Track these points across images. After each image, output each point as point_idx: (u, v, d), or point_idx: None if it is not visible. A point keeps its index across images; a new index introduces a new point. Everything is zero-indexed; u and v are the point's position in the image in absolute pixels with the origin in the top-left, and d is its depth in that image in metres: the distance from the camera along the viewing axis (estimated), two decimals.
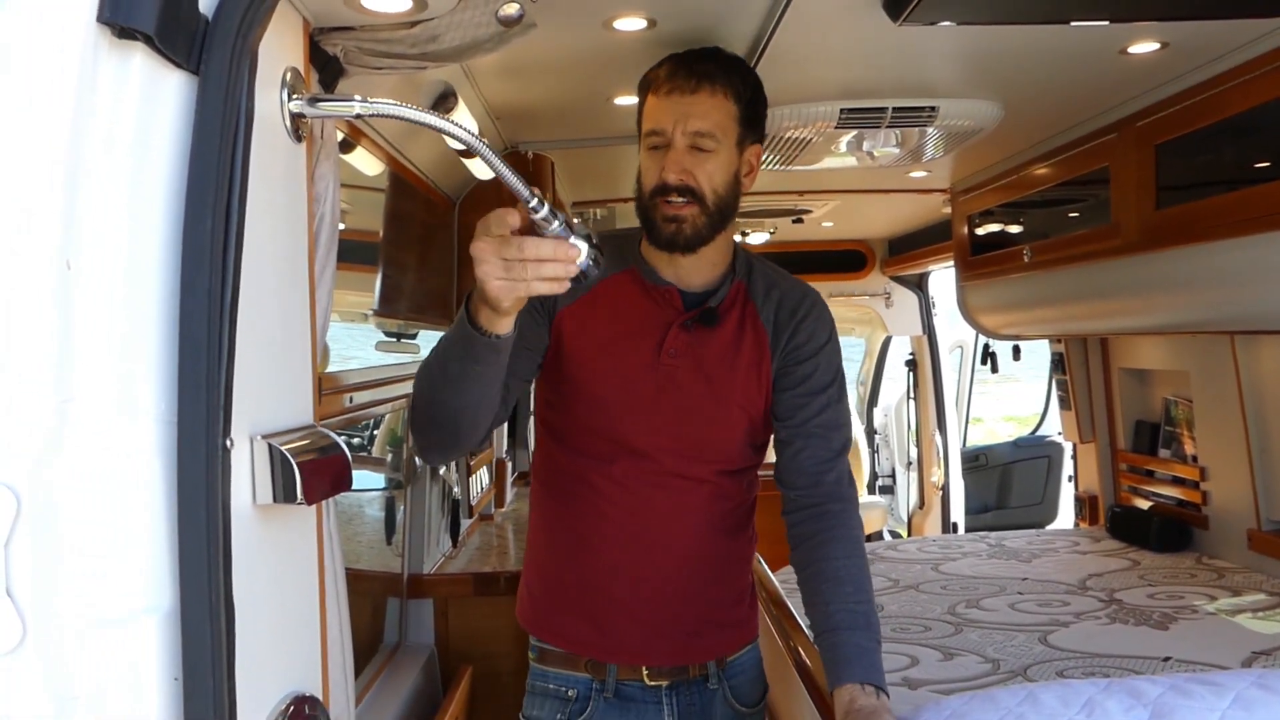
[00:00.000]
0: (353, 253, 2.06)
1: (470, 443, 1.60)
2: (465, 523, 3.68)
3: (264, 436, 0.94)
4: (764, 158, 2.87)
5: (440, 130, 1.06)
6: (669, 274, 1.74)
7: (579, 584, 1.77)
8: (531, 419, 3.60)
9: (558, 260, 1.18)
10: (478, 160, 2.49)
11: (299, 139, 1.07)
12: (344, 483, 1.06)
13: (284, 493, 0.95)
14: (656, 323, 1.72)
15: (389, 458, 3.06)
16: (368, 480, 2.94)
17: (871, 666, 1.57)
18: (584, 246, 1.17)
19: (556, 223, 1.16)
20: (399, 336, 2.76)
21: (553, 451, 1.80)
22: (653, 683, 1.77)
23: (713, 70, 1.64)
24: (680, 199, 1.63)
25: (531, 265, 1.19)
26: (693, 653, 1.79)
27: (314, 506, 1.10)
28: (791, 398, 1.75)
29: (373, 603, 2.83)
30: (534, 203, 1.14)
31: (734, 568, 1.81)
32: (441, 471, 3.27)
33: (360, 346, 2.53)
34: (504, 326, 1.35)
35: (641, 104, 1.72)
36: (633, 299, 1.73)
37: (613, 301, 1.74)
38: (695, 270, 1.74)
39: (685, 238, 1.65)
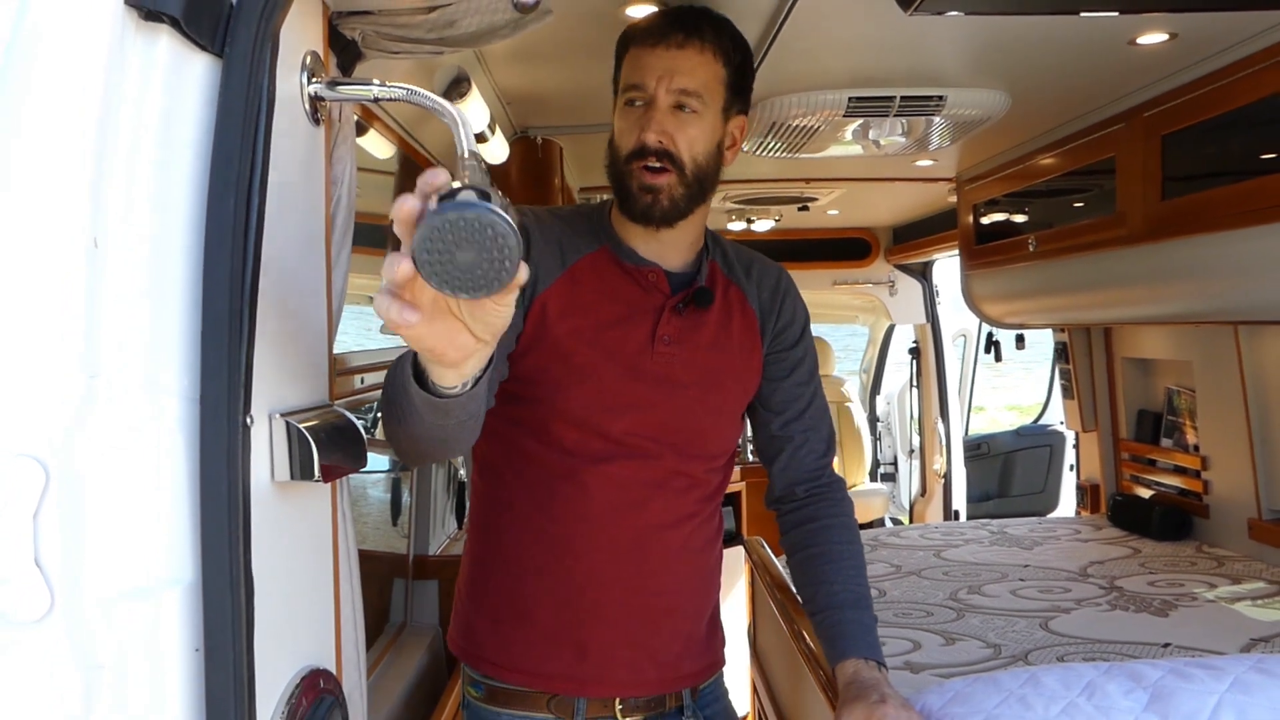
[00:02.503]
0: (361, 235, 2.07)
1: (457, 455, 1.50)
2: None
3: (282, 414, 0.96)
4: (770, 145, 2.88)
5: (447, 119, 1.07)
6: (649, 252, 1.60)
7: (560, 602, 1.57)
8: None
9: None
10: (489, 145, 2.51)
11: (317, 122, 1.08)
12: (359, 462, 1.08)
13: (301, 470, 0.97)
14: (646, 308, 1.58)
15: None
16: (373, 462, 2.96)
17: (873, 644, 1.59)
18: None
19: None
20: None
21: (522, 446, 1.58)
22: (625, 719, 1.62)
23: (703, 27, 1.51)
24: (657, 164, 1.49)
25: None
26: (676, 678, 1.65)
27: (329, 485, 1.12)
28: (787, 388, 1.68)
29: (379, 583, 2.86)
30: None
31: (713, 574, 1.72)
32: None
33: (351, 332, 2.52)
34: (454, 378, 1.01)
35: (620, 58, 1.57)
36: (615, 282, 1.58)
37: (594, 285, 1.57)
38: (676, 248, 1.61)
39: (662, 209, 1.52)
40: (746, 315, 1.66)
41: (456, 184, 0.79)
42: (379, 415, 1.54)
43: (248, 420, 0.89)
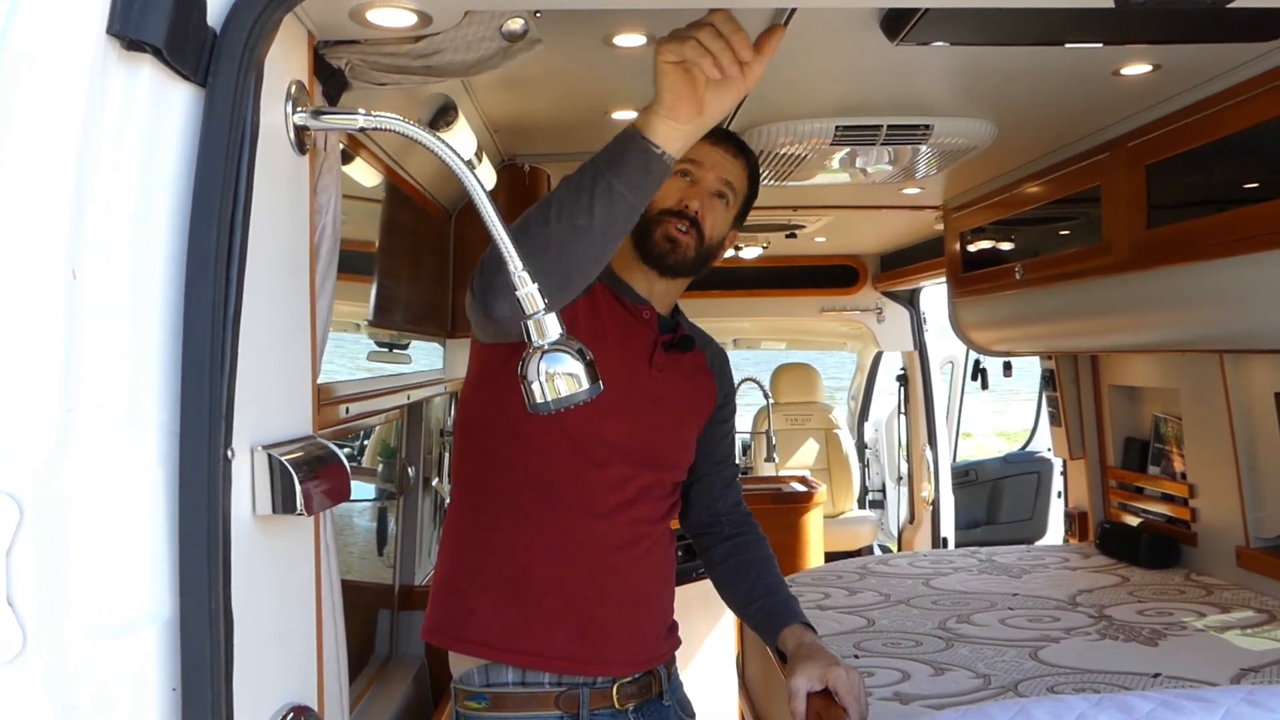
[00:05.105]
0: (347, 262, 2.07)
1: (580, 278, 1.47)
2: None
3: (264, 447, 0.95)
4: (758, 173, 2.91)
5: (441, 156, 1.06)
6: (643, 294, 1.87)
7: (563, 587, 1.72)
8: None
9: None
10: (476, 173, 2.50)
11: (302, 151, 1.08)
12: (342, 494, 1.07)
13: (283, 504, 0.96)
14: (643, 337, 1.84)
15: (380, 468, 3.06)
16: (360, 491, 2.94)
17: (804, 616, 1.89)
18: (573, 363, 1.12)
19: (542, 318, 1.08)
20: (390, 347, 2.77)
21: (526, 452, 1.74)
22: (621, 706, 1.80)
23: (749, 155, 1.90)
24: (686, 227, 1.79)
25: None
26: (659, 655, 1.88)
27: (312, 517, 1.10)
28: (715, 439, 2.02)
29: (364, 614, 2.83)
30: (519, 274, 1.07)
31: (673, 567, 1.97)
32: (434, 483, 3.27)
33: (339, 357, 2.51)
34: (676, 143, 1.33)
35: None
36: (612, 309, 1.82)
37: (592, 309, 1.77)
38: (663, 300, 1.89)
39: (675, 259, 1.80)
40: (706, 376, 1.98)
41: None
42: (364, 443, 1.64)
43: (229, 453, 0.87)
